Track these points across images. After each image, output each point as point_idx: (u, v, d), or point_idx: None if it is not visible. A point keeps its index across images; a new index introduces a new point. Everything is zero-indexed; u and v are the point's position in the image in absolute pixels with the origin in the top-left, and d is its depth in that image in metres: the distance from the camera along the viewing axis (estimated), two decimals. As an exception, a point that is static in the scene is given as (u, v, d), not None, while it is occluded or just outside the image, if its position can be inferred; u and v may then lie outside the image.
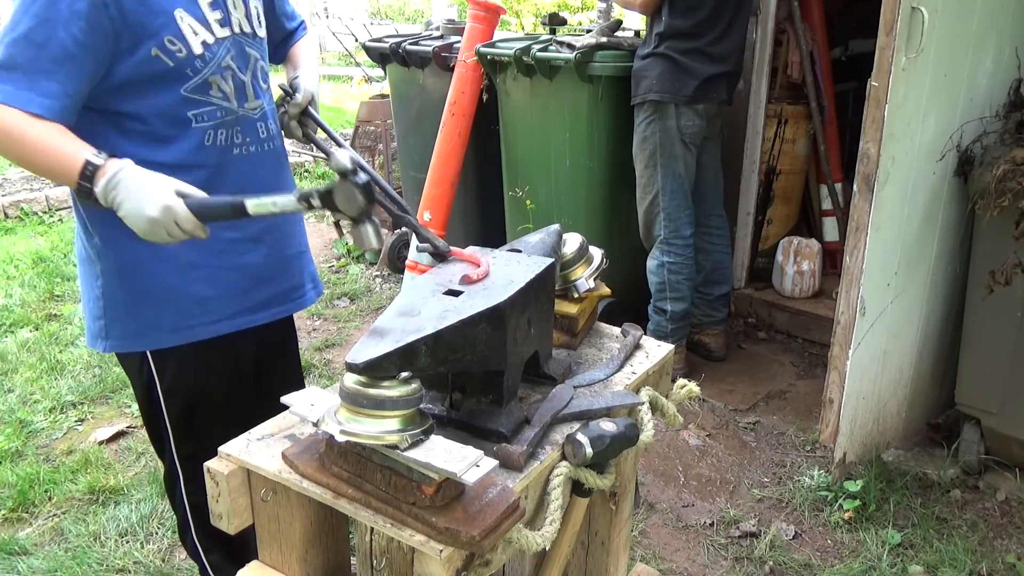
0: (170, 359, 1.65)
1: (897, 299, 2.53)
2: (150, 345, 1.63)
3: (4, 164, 6.17)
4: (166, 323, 1.60)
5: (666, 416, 1.49)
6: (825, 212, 4.05)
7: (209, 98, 1.52)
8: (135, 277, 1.58)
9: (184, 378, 1.67)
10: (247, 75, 1.58)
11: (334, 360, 3.60)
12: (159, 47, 1.43)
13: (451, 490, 1.06)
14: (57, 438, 3.00)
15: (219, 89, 1.52)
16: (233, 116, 1.56)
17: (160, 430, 1.74)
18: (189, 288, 1.59)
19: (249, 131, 1.60)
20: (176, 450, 1.74)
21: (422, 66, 3.99)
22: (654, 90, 3.02)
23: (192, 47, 1.47)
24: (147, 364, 1.65)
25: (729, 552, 2.41)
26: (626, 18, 4.02)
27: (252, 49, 1.59)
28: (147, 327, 1.61)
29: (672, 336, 3.21)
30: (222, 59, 1.52)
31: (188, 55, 1.46)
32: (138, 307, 1.59)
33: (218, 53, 1.51)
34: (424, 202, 3.82)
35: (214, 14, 1.50)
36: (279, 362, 1.89)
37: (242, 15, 1.57)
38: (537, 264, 1.33)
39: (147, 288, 1.58)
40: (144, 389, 1.70)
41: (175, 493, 1.82)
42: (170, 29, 1.44)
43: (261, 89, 1.63)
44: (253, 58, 1.60)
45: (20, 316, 3.96)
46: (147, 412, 1.75)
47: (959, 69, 2.42)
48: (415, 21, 13.16)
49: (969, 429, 2.66)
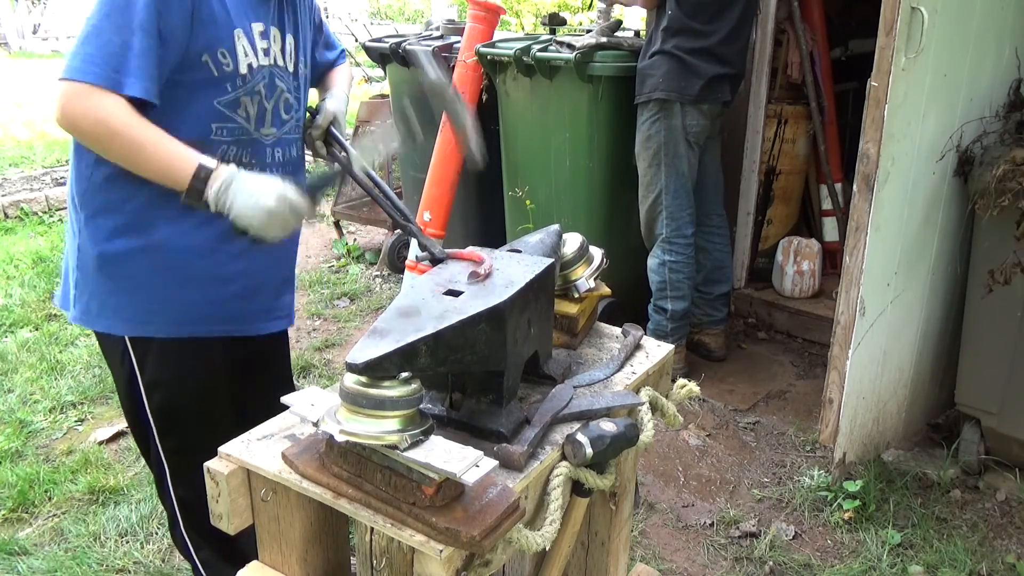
0: (150, 351, 1.67)
1: (897, 299, 2.53)
2: (111, 328, 1.66)
3: (4, 164, 6.17)
4: (131, 312, 1.63)
5: (666, 416, 1.49)
6: (825, 212, 4.05)
7: (235, 115, 1.58)
8: (113, 264, 1.61)
9: (164, 372, 1.69)
10: (270, 103, 1.65)
11: (334, 360, 3.60)
12: (211, 56, 1.50)
13: (451, 490, 1.06)
14: (57, 438, 3.00)
15: (245, 110, 1.60)
16: (247, 137, 1.62)
17: (143, 425, 1.76)
18: (161, 287, 1.62)
19: (258, 153, 1.66)
20: (160, 444, 1.76)
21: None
22: (660, 88, 3.01)
23: (239, 66, 1.55)
24: (128, 356, 1.68)
25: (729, 552, 2.41)
26: (626, 18, 4.03)
27: (281, 81, 1.67)
28: (113, 311, 1.64)
29: (672, 336, 3.21)
30: (257, 84, 1.60)
31: (233, 71, 1.54)
32: (111, 292, 1.63)
33: (256, 77, 1.59)
34: (424, 202, 3.82)
35: (262, 43, 1.60)
36: (263, 378, 1.91)
37: (278, 49, 1.65)
38: (537, 264, 1.33)
39: (123, 275, 1.61)
40: (126, 382, 1.72)
41: (163, 489, 1.84)
42: (226, 44, 1.52)
43: (280, 119, 1.69)
44: (280, 89, 1.67)
45: (20, 316, 3.95)
46: (130, 406, 1.77)
47: (959, 69, 2.42)
48: (415, 21, 13.18)
49: (969, 429, 2.66)
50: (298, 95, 1.73)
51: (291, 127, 1.73)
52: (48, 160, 6.27)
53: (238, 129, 1.60)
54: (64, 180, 5.87)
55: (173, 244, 1.60)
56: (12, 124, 7.40)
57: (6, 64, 11.43)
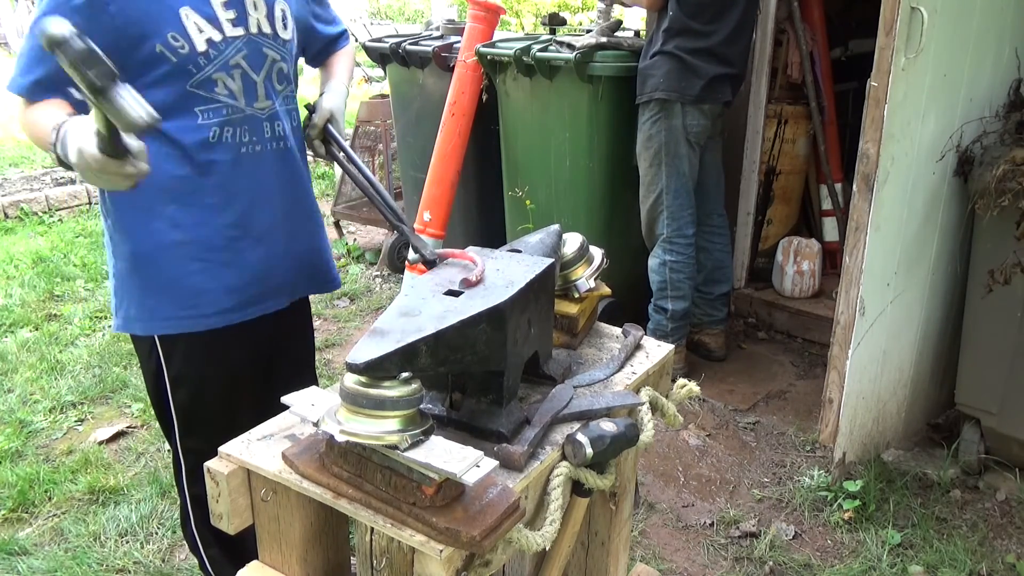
0: (176, 348, 1.67)
1: (897, 299, 2.53)
2: (149, 330, 1.67)
3: (4, 164, 6.17)
4: (166, 311, 1.64)
5: (666, 416, 1.49)
6: (825, 212, 4.05)
7: (215, 95, 1.54)
8: (142, 264, 1.62)
9: (189, 369, 1.69)
10: (260, 75, 1.61)
11: (334, 360, 3.60)
12: (163, 44, 1.47)
13: (451, 490, 1.06)
14: (57, 438, 3.00)
15: (225, 87, 1.55)
16: (240, 115, 1.59)
17: (168, 421, 1.78)
18: (188, 280, 1.62)
19: (256, 130, 1.62)
20: (180, 441, 1.77)
21: (422, 66, 3.99)
22: (661, 88, 3.01)
23: (195, 44, 1.50)
24: (156, 351, 1.69)
25: (729, 552, 2.41)
26: (626, 18, 4.02)
27: (271, 50, 1.62)
28: (149, 312, 1.65)
29: (672, 335, 3.21)
30: (230, 57, 1.55)
31: (191, 51, 1.50)
32: (143, 292, 1.64)
33: (225, 51, 1.54)
34: (424, 202, 3.82)
35: (227, 13, 1.54)
36: (289, 361, 1.91)
37: (263, 15, 1.60)
38: (537, 264, 1.33)
39: (152, 275, 1.62)
40: (153, 376, 1.74)
41: (179, 480, 1.85)
42: (173, 26, 1.48)
43: (275, 90, 1.65)
44: (270, 59, 1.62)
45: (20, 316, 3.96)
46: (156, 399, 1.78)
47: (959, 69, 2.42)
48: (415, 21, 13.17)
49: (969, 429, 2.66)
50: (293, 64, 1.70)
51: (289, 97, 1.69)
52: (48, 160, 6.26)
53: (224, 108, 1.56)
54: (64, 180, 5.89)
55: (195, 235, 1.60)
56: (12, 124, 7.40)
57: (6, 64, 11.43)
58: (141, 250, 1.61)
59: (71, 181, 5.87)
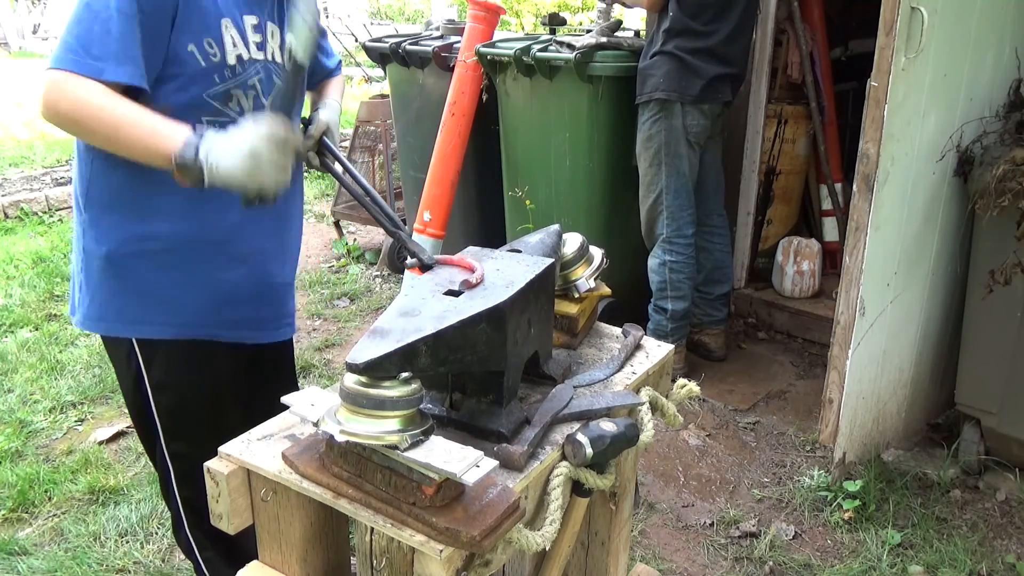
0: (157, 353, 1.66)
1: (897, 299, 2.53)
2: (124, 332, 1.65)
3: (4, 164, 6.16)
4: (138, 313, 1.63)
5: (666, 416, 1.49)
6: (825, 212, 4.05)
7: (227, 109, 1.57)
8: (118, 266, 1.60)
9: (172, 374, 1.68)
10: (269, 100, 1.62)
11: (334, 360, 3.60)
12: (196, 45, 1.48)
13: (451, 490, 1.06)
14: (57, 438, 3.00)
15: (238, 103, 1.58)
16: None
17: (149, 426, 1.76)
18: (164, 288, 1.62)
19: None
20: (166, 447, 1.76)
21: (422, 66, 3.99)
22: (660, 88, 3.02)
23: (227, 56, 1.53)
24: (135, 356, 1.67)
25: (729, 552, 2.41)
26: (626, 18, 4.02)
27: (280, 79, 1.65)
28: (117, 312, 1.63)
29: (672, 335, 3.21)
30: (250, 78, 1.58)
31: (221, 61, 1.52)
32: (115, 294, 1.62)
33: (248, 71, 1.57)
34: (424, 202, 3.82)
35: (255, 36, 1.58)
36: (269, 386, 1.90)
37: (276, 46, 1.64)
38: (537, 264, 1.33)
39: (127, 276, 1.61)
40: (132, 382, 1.72)
41: (168, 489, 1.84)
42: (213, 33, 1.50)
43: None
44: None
45: (20, 316, 3.96)
46: (135, 407, 1.77)
47: (959, 69, 2.42)
48: (415, 21, 13.17)
49: (969, 429, 2.66)
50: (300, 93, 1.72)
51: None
52: (48, 160, 6.27)
53: (231, 124, 1.55)
54: (64, 180, 5.88)
55: (176, 245, 1.59)
56: (12, 124, 7.40)
57: (6, 64, 11.43)
58: (120, 252, 1.59)
59: (71, 181, 5.86)
